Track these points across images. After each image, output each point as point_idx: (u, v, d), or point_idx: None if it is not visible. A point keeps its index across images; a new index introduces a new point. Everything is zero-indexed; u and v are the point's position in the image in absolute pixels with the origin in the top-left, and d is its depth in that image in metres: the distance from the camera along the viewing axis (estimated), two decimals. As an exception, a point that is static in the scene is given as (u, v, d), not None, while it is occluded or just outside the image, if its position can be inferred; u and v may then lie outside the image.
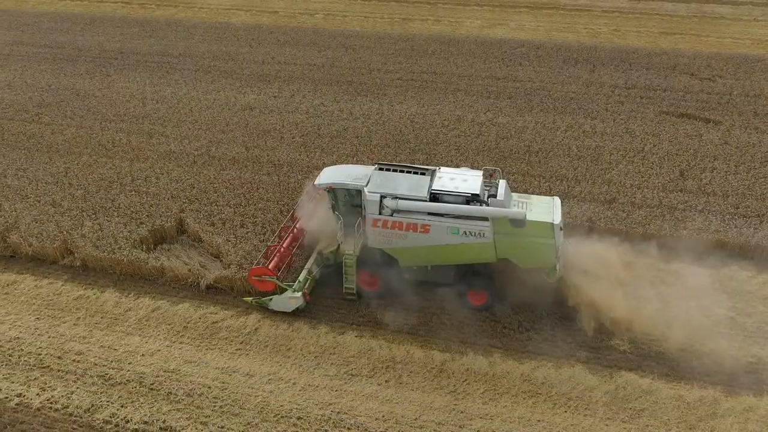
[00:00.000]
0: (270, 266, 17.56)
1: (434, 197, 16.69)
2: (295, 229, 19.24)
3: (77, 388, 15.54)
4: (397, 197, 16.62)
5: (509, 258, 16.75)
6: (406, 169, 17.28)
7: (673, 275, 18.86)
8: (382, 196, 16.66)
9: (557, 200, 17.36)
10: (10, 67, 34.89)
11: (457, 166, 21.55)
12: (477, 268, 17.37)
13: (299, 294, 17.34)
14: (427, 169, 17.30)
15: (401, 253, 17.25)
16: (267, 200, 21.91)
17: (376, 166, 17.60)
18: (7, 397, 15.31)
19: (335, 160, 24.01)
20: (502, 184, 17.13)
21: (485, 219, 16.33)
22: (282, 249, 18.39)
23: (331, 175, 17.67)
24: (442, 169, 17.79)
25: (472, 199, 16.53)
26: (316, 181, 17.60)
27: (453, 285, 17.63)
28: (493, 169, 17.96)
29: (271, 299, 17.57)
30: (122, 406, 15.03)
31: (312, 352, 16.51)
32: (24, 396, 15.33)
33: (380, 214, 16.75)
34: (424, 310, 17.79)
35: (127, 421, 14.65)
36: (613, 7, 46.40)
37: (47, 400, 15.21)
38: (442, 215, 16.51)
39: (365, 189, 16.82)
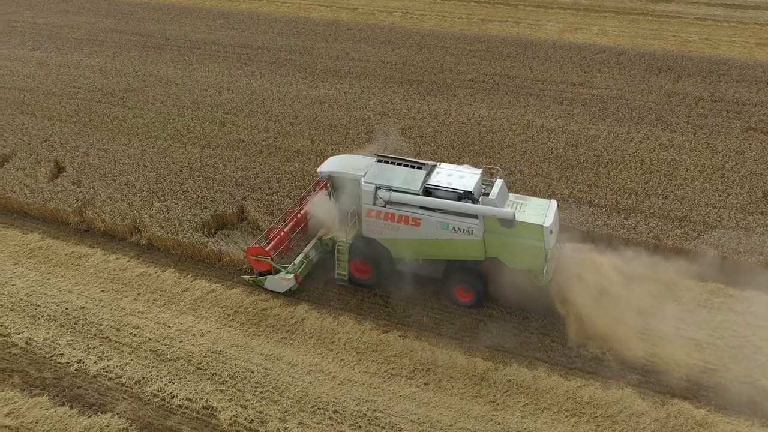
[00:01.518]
0: (268, 247, 18.10)
1: (427, 192, 16.87)
2: (300, 215, 19.66)
3: (131, 360, 16.33)
4: (390, 189, 16.89)
5: (498, 257, 16.72)
6: (405, 163, 17.48)
7: (744, 303, 17.67)
8: (377, 187, 16.97)
9: (553, 203, 17.18)
10: (104, 52, 37.08)
11: (519, 172, 21.10)
12: (468, 265, 17.28)
13: (291, 276, 17.84)
14: (424, 164, 17.40)
15: (393, 244, 17.57)
16: (326, 194, 22.19)
17: (376, 157, 17.92)
18: (68, 362, 16.31)
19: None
20: (498, 183, 17.11)
21: (475, 216, 16.31)
22: (283, 232, 18.86)
23: (334, 163, 18.44)
24: (442, 164, 17.89)
25: (464, 196, 16.53)
26: (319, 169, 18.43)
27: (442, 280, 17.71)
28: (494, 168, 17.97)
29: (266, 279, 18.19)
30: (170, 382, 15.67)
31: (355, 347, 16.60)
32: (83, 363, 16.27)
33: (374, 204, 17.09)
34: (471, 315, 17.51)
35: (173, 397, 15.25)
36: (706, 14, 43.89)
37: (103, 368, 16.07)
38: (432, 210, 16.63)
39: (362, 179, 17.11)
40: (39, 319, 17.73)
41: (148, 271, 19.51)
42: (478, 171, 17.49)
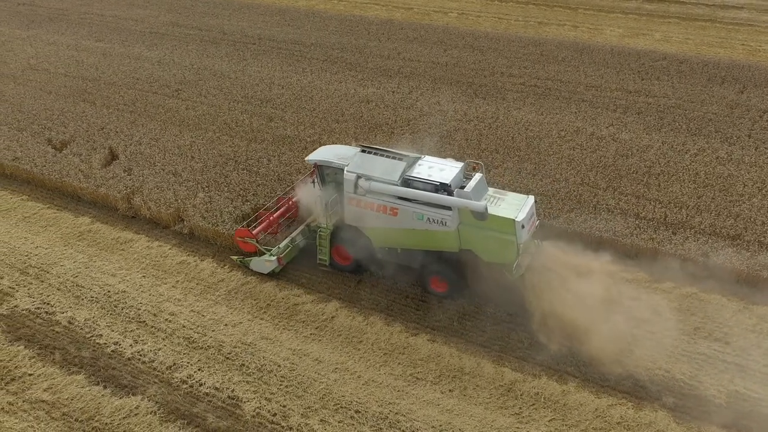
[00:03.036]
0: (255, 231, 19.10)
1: (406, 182, 17.22)
2: (291, 201, 20.54)
3: (164, 345, 16.77)
4: (370, 179, 17.27)
5: (472, 250, 16.93)
6: (387, 154, 17.86)
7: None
8: (358, 176, 17.39)
9: (530, 199, 17.25)
10: (163, 45, 38.24)
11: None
12: (445, 256, 17.42)
13: (274, 258, 18.67)
14: (405, 156, 17.69)
15: (373, 232, 18.07)
16: (366, 193, 22.20)
17: (360, 148, 18.39)
18: (105, 343, 16.90)
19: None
20: (477, 177, 17.34)
21: (448, 208, 16.60)
22: (271, 217, 19.74)
23: (322, 153, 19.07)
24: (426, 157, 18.26)
25: (440, 187, 16.85)
26: (307, 157, 19.12)
27: (420, 270, 18.06)
28: (476, 162, 18.36)
29: (251, 260, 19.02)
30: (199, 369, 16.01)
31: (382, 348, 16.53)
32: (119, 345, 16.83)
33: (355, 193, 17.59)
34: (503, 323, 17.16)
35: (201, 384, 15.58)
36: (780, 22, 41.58)
37: (137, 352, 16.57)
38: (408, 200, 17.07)
39: (345, 168, 17.70)
40: (82, 299, 18.44)
41: (187, 260, 19.99)
42: (459, 164, 17.76)
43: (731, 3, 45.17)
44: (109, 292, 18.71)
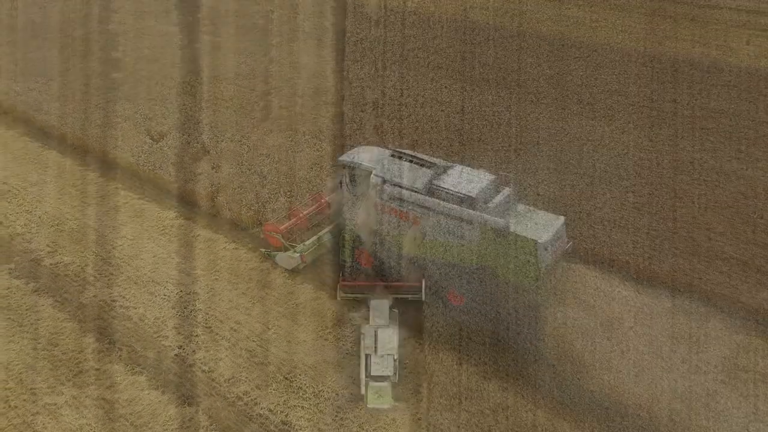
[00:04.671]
0: (282, 226, 19.55)
1: (431, 191, 16.69)
2: (324, 200, 20.65)
3: (225, 356, 16.43)
4: (396, 185, 16.94)
5: (492, 266, 16.30)
6: (416, 161, 17.36)
7: None
8: (384, 181, 17.16)
9: (560, 219, 16.47)
10: (269, 41, 38.49)
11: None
12: (464, 269, 16.79)
13: (297, 255, 18.76)
14: (434, 164, 17.18)
15: (395, 238, 17.67)
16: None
17: (390, 152, 18.00)
18: (170, 346, 16.82)
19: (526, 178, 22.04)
20: (505, 192, 16.84)
21: (470, 222, 15.95)
22: (302, 214, 20.09)
23: (356, 154, 18.87)
24: (457, 166, 17.69)
25: (464, 200, 16.20)
26: (340, 157, 19.06)
27: (439, 280, 17.48)
28: (508, 175, 17.84)
29: (277, 254, 19.18)
30: (257, 387, 15.52)
31: (448, 390, 15.29)
32: (183, 349, 16.69)
33: (380, 198, 17.19)
34: (587, 380, 15.32)
35: (256, 404, 15.07)
36: None
37: (199, 359, 16.34)
38: (430, 209, 16.61)
39: (373, 172, 17.44)
40: (156, 297, 18.53)
41: (260, 267, 19.63)
42: (490, 177, 16.92)
43: None
44: (181, 291, 18.69)
